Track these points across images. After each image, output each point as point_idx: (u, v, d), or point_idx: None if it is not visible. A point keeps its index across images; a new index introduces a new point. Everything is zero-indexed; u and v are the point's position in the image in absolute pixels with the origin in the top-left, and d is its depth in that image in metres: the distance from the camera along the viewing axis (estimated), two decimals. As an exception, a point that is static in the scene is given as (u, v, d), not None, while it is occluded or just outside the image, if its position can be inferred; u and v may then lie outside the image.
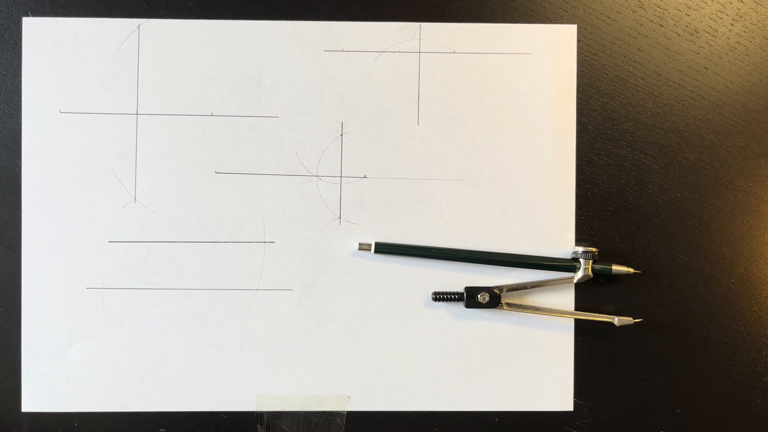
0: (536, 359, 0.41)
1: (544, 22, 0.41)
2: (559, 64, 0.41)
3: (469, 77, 0.41)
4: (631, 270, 0.40)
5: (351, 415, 0.41)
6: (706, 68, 0.42)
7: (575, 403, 0.41)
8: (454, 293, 0.40)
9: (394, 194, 0.41)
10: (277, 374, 0.41)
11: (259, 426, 0.41)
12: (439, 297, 0.40)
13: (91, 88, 0.41)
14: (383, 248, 0.40)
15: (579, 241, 0.41)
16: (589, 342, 0.41)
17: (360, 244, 0.40)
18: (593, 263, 0.40)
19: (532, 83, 0.41)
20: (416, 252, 0.41)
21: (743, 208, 0.42)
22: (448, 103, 0.41)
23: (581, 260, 0.40)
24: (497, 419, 0.41)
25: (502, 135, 0.41)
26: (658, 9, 0.42)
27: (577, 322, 0.41)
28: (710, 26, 0.42)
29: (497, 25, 0.41)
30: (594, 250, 0.40)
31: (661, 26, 0.42)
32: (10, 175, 0.41)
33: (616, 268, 0.40)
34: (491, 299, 0.40)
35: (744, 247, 0.42)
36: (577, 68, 0.41)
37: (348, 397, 0.41)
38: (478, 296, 0.40)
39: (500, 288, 0.40)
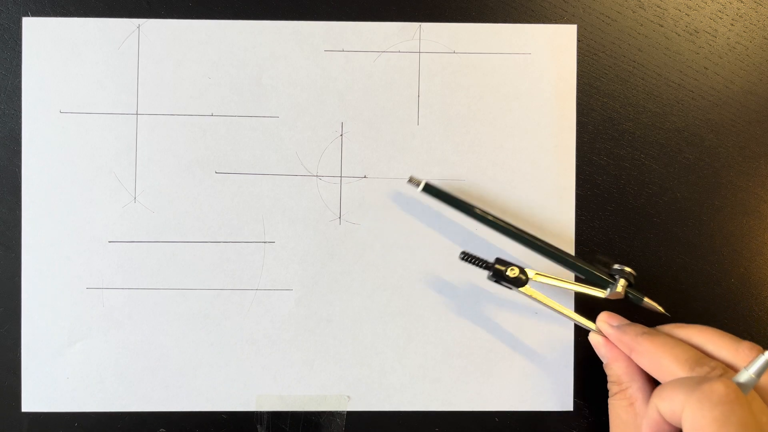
0: (536, 359, 0.41)
1: (544, 22, 0.41)
2: (559, 64, 0.41)
3: (469, 77, 0.41)
4: (661, 310, 0.38)
5: (351, 415, 0.41)
6: (706, 68, 0.42)
7: (575, 403, 0.41)
8: (483, 260, 0.38)
9: (394, 194, 0.41)
10: (277, 374, 0.41)
11: (259, 426, 0.41)
12: (467, 258, 0.38)
13: (91, 88, 0.41)
14: (431, 190, 0.39)
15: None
16: (589, 342, 0.41)
17: (411, 177, 0.39)
18: (628, 286, 0.38)
19: (532, 83, 0.41)
20: (460, 206, 0.39)
21: (743, 208, 0.42)
22: (448, 103, 0.41)
23: (618, 279, 0.38)
24: (497, 419, 0.41)
25: (502, 135, 0.41)
26: (658, 9, 0.42)
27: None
28: (710, 26, 0.42)
29: (497, 25, 0.41)
30: (633, 273, 0.38)
31: (661, 26, 0.42)
32: (10, 175, 0.41)
33: (648, 302, 0.38)
34: (519, 276, 0.37)
35: (744, 247, 0.42)
36: (577, 68, 0.41)
37: (348, 397, 0.41)
38: (508, 269, 0.38)
39: (529, 272, 0.38)
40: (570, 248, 0.41)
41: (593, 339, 0.38)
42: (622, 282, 0.38)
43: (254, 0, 0.41)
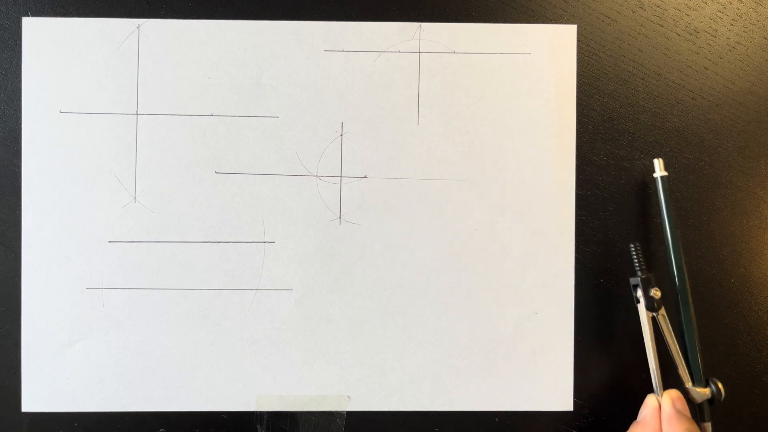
0: (536, 359, 0.41)
1: (544, 22, 0.41)
2: (559, 64, 0.41)
3: (469, 77, 0.41)
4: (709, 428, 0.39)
5: (351, 415, 0.41)
6: (706, 68, 0.42)
7: (575, 403, 0.41)
8: (645, 263, 0.39)
9: (394, 194, 0.41)
10: (277, 374, 0.41)
11: (259, 426, 0.41)
12: (636, 251, 0.38)
13: (91, 88, 0.41)
14: (656, 186, 0.39)
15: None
16: (589, 342, 0.41)
17: (658, 163, 0.39)
18: (708, 401, 0.39)
19: (532, 83, 0.41)
20: (665, 214, 0.39)
21: (743, 208, 0.42)
22: (448, 103, 0.41)
23: (711, 392, 0.39)
24: (497, 419, 0.41)
25: (502, 135, 0.41)
26: (658, 9, 0.42)
27: (577, 321, 0.41)
28: (710, 26, 0.42)
29: (497, 25, 0.41)
30: (723, 397, 0.38)
31: (661, 26, 0.42)
32: (10, 175, 0.41)
33: (707, 426, 0.39)
34: (656, 301, 0.38)
35: (744, 247, 0.42)
36: (577, 68, 0.41)
37: (348, 397, 0.41)
38: (652, 290, 0.38)
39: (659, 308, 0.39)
40: (570, 248, 0.41)
41: (651, 400, 0.38)
42: (707, 393, 0.38)
43: (254, 0, 0.41)
